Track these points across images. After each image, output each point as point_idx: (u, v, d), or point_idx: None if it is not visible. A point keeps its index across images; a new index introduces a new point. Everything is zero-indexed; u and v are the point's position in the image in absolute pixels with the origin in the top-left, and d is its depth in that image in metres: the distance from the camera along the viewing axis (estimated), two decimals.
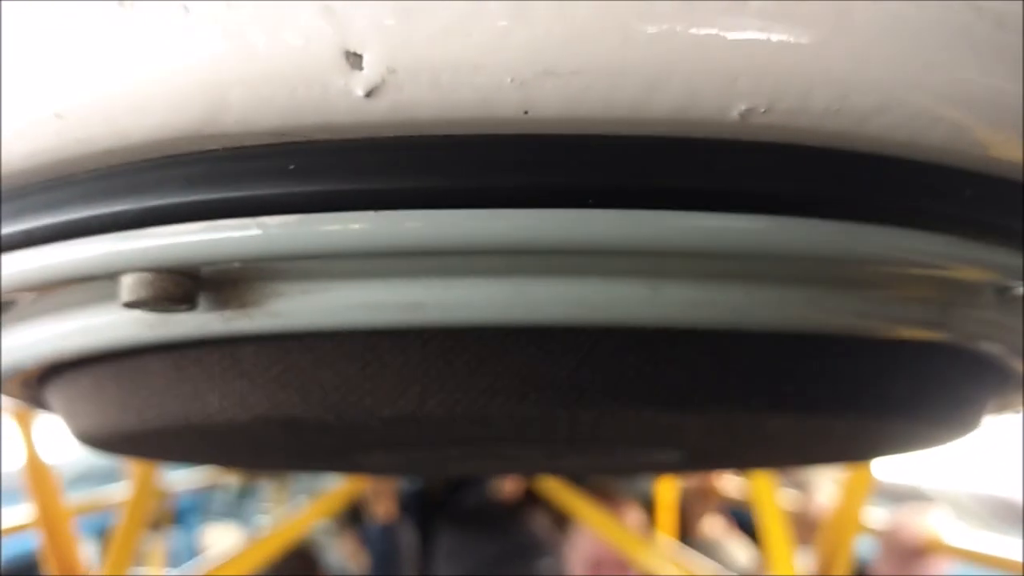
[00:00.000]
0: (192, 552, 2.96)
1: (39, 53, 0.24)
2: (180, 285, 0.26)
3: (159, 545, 2.31)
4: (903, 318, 0.29)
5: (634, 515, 1.70)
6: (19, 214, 0.26)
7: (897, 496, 1.89)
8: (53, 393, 0.41)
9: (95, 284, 0.28)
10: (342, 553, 2.37)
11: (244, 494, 3.19)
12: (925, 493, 1.94)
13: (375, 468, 0.63)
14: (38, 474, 1.06)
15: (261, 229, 0.24)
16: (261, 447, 0.41)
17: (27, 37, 0.24)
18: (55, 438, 1.09)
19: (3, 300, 0.32)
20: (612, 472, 1.28)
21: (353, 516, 2.15)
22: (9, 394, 0.43)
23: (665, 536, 1.41)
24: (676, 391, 0.28)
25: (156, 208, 0.24)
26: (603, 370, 0.28)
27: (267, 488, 3.07)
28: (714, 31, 0.21)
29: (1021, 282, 0.28)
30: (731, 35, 0.21)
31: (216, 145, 0.24)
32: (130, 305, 0.26)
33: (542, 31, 0.21)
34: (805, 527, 1.43)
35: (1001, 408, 0.45)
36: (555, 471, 1.22)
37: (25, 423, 1.07)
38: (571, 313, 0.26)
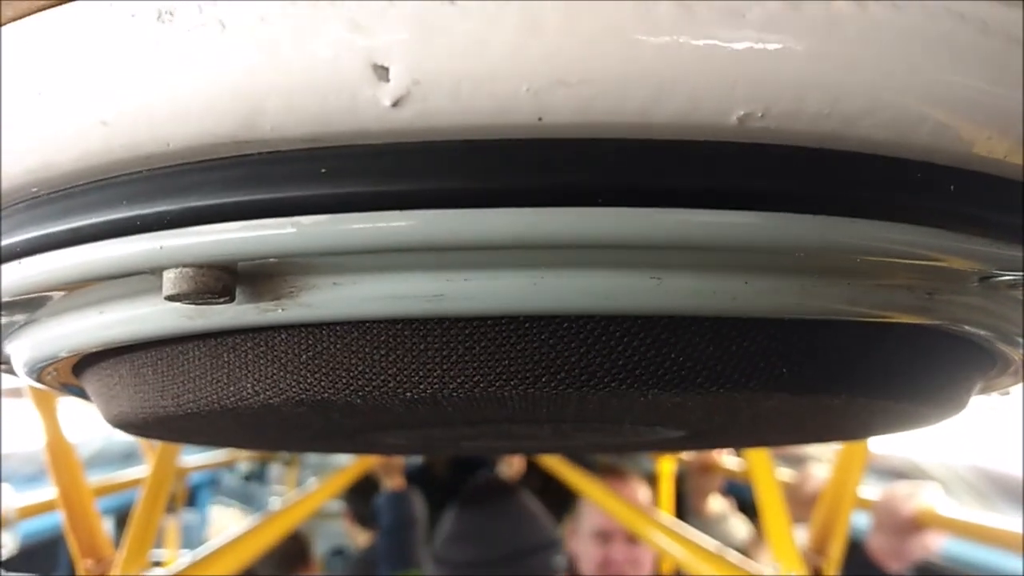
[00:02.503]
0: (204, 531, 3.01)
1: (85, 65, 0.25)
2: (219, 279, 0.27)
3: (173, 524, 2.35)
4: (891, 304, 0.30)
5: (643, 492, 1.74)
6: (69, 214, 0.28)
7: (892, 471, 1.91)
8: (89, 380, 0.42)
9: (136, 279, 0.30)
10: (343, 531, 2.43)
11: (255, 476, 3.23)
12: (920, 468, 1.96)
13: (392, 447, 0.65)
14: (61, 454, 1.07)
15: (295, 228, 0.25)
16: (289, 429, 0.42)
17: (74, 51, 0.25)
18: (69, 420, 1.11)
19: (39, 296, 0.33)
20: (617, 450, 1.30)
21: (362, 489, 2.23)
22: (41, 381, 0.45)
23: (667, 512, 1.43)
24: (679, 373, 0.30)
25: (197, 208, 0.26)
26: (611, 355, 0.29)
27: (278, 470, 3.10)
28: (713, 42, 0.23)
29: (1003, 271, 0.30)
30: (729, 46, 0.23)
31: (253, 150, 0.25)
32: (172, 298, 0.27)
33: (553, 44, 0.22)
34: (802, 503, 1.45)
35: (987, 389, 0.46)
36: (562, 450, 1.24)
37: (47, 405, 1.07)
38: (581, 302, 0.28)
